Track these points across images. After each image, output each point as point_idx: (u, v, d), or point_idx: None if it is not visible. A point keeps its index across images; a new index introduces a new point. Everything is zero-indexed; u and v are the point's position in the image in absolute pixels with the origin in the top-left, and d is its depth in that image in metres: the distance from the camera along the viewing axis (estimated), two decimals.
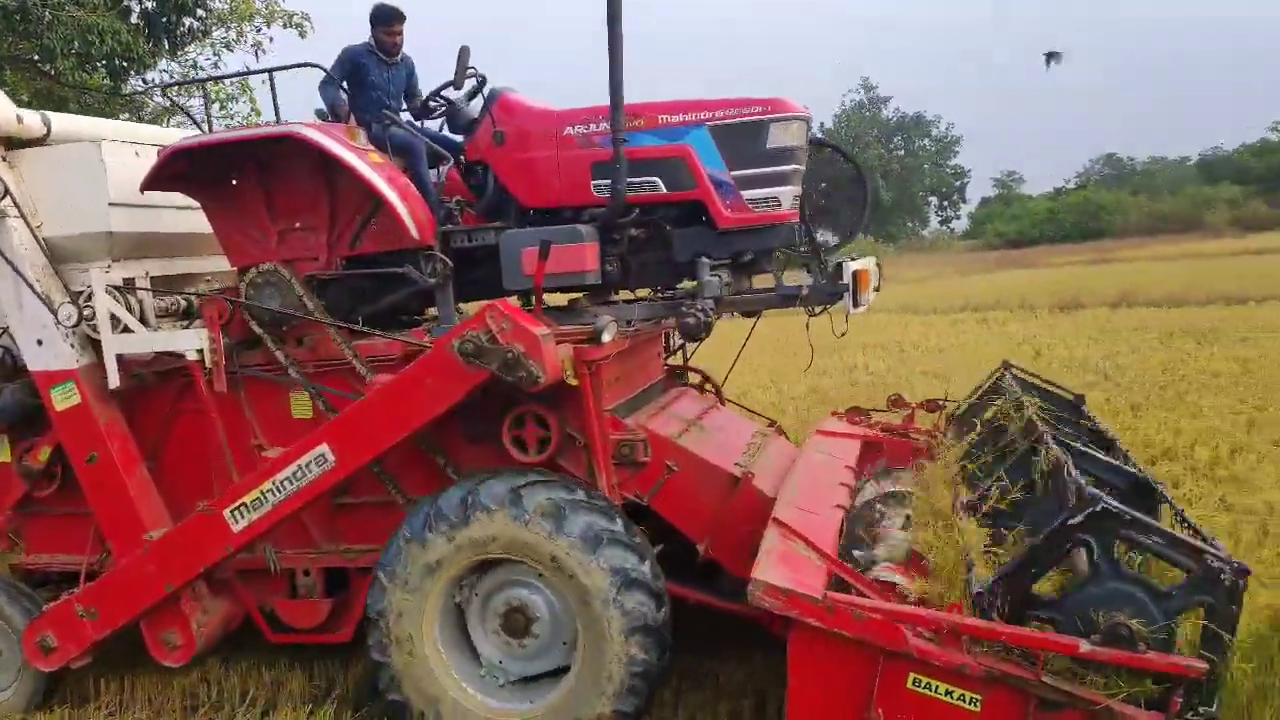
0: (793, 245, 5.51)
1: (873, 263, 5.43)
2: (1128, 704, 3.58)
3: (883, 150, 68.24)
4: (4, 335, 5.58)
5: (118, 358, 5.22)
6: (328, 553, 5.46)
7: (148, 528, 5.32)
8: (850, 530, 5.11)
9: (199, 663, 5.59)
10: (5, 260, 5.25)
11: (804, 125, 5.27)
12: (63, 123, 5.54)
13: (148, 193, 5.29)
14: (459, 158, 5.65)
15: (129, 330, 5.21)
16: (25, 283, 5.24)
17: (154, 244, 5.63)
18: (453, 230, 5.41)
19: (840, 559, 4.58)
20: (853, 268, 5.16)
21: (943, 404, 6.91)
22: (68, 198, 5.26)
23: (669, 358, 6.82)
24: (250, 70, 5.53)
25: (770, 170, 5.11)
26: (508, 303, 4.71)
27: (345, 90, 5.66)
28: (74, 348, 5.30)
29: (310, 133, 5.03)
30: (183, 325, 5.46)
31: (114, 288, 5.20)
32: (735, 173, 5.09)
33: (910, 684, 3.79)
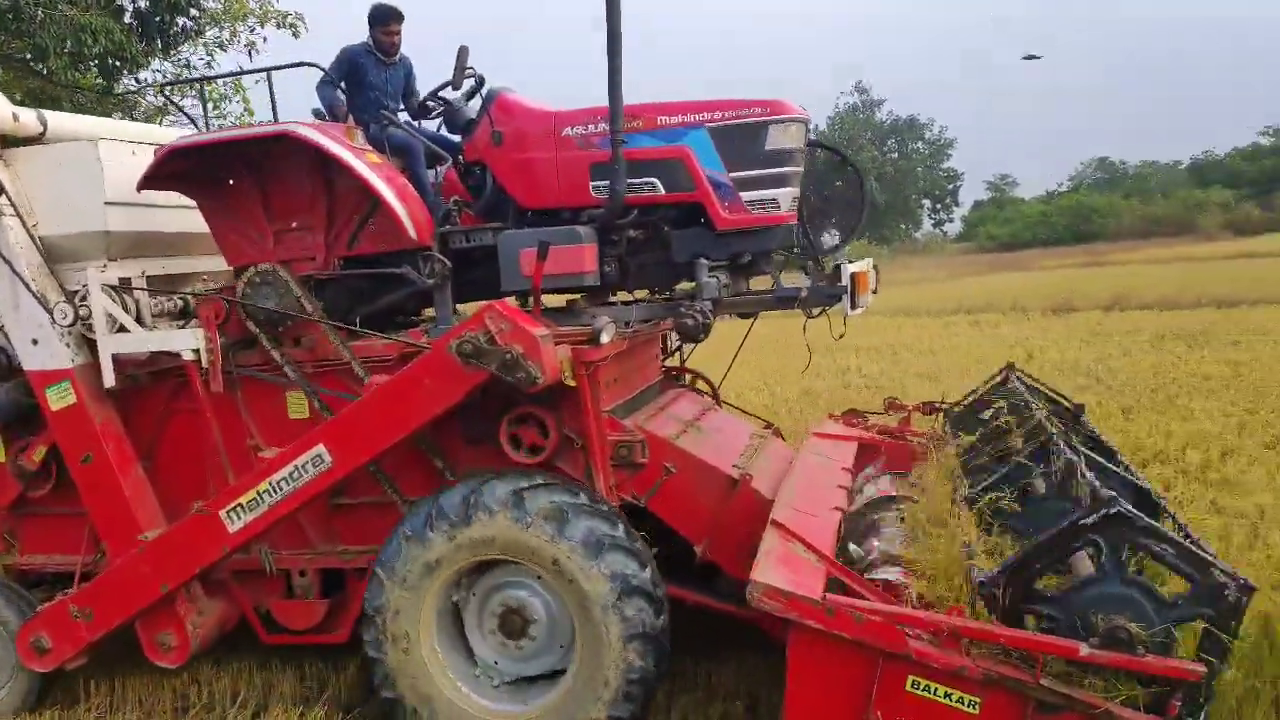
0: (791, 247, 5.51)
1: (871, 265, 5.43)
2: (1126, 707, 3.59)
3: (876, 153, 68.27)
4: None
5: (113, 357, 5.19)
6: (324, 553, 5.44)
7: (143, 528, 5.29)
8: (848, 529, 5.11)
9: (194, 664, 5.56)
10: (1, 259, 5.22)
11: (803, 127, 5.28)
12: (59, 121, 5.52)
13: (144, 192, 5.27)
14: (457, 158, 5.64)
15: (125, 330, 5.19)
16: (21, 282, 5.20)
17: (150, 243, 5.60)
18: (451, 231, 5.40)
19: (837, 558, 4.59)
20: (851, 270, 5.17)
21: (939, 406, 6.92)
22: (64, 196, 5.23)
23: (666, 359, 6.82)
24: (249, 70, 5.52)
25: (769, 172, 5.12)
26: (506, 303, 4.70)
27: (343, 90, 5.65)
28: (69, 347, 5.27)
29: (308, 132, 5.01)
30: (179, 325, 5.44)
31: (110, 287, 5.18)
32: (734, 174, 5.09)
33: (909, 686, 3.78)
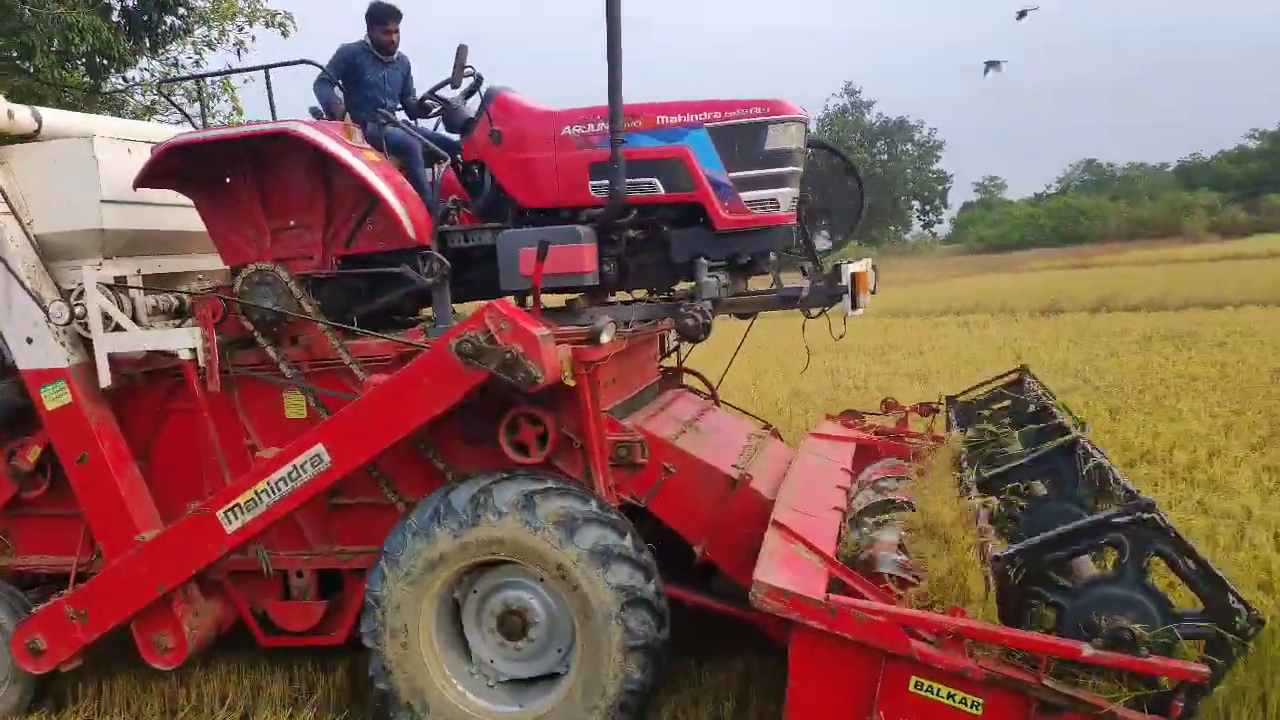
0: (790, 247, 5.51)
1: (870, 265, 5.43)
2: (1130, 708, 3.60)
3: (866, 155, 68.37)
4: None
5: (109, 356, 5.16)
6: (322, 554, 5.42)
7: (139, 529, 5.25)
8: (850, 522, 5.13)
9: (184, 666, 5.53)
10: None
11: (802, 127, 5.28)
12: (54, 118, 5.49)
13: (140, 190, 5.23)
14: (455, 157, 5.62)
15: (121, 329, 5.15)
16: (16, 280, 5.16)
17: (146, 242, 5.56)
18: (450, 230, 5.38)
19: (838, 553, 4.60)
20: (851, 270, 5.17)
21: (936, 407, 6.93)
22: (59, 194, 5.19)
23: (664, 359, 6.81)
24: (248, 68, 5.48)
25: (769, 172, 5.11)
26: (506, 303, 4.68)
27: (341, 88, 5.62)
28: (65, 346, 5.23)
29: (306, 130, 4.98)
30: (174, 324, 5.40)
31: (106, 285, 5.14)
32: (733, 174, 5.08)
33: (912, 687, 3.79)
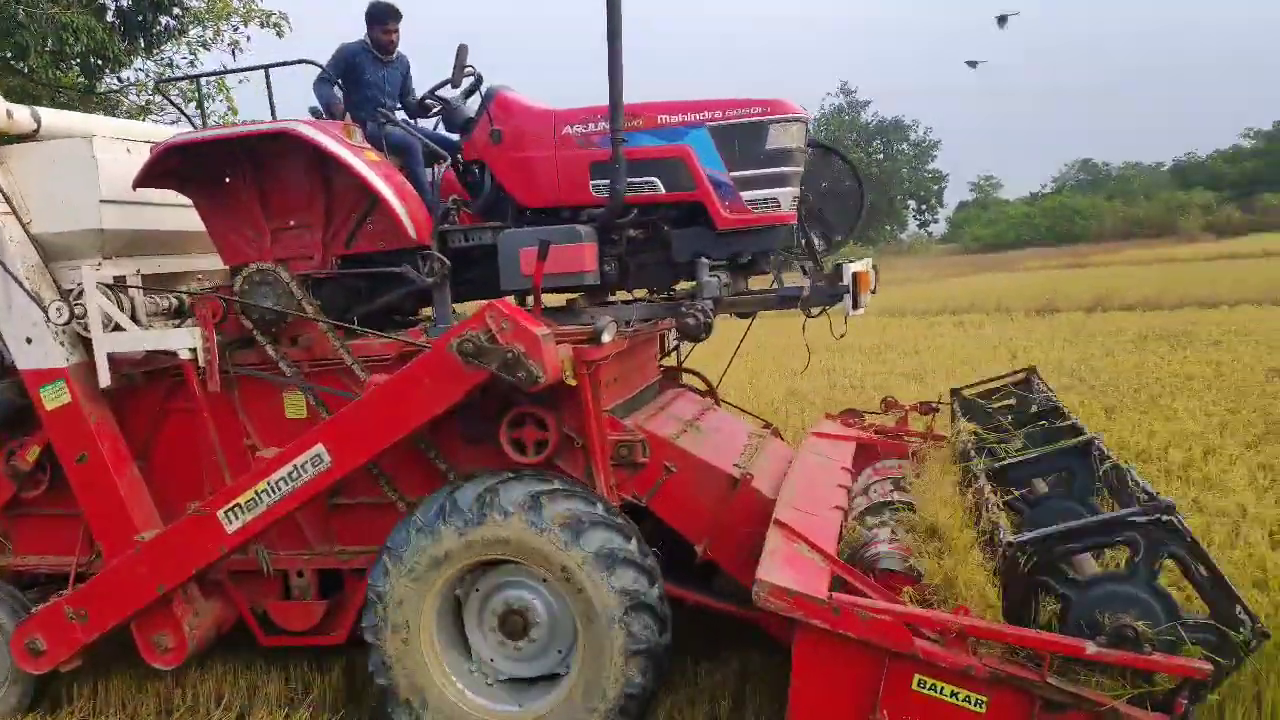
0: (790, 247, 5.50)
1: (870, 264, 5.43)
2: (1133, 705, 3.61)
3: (862, 154, 68.38)
4: None
5: (109, 356, 5.14)
6: (322, 554, 5.41)
7: (139, 528, 5.24)
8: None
9: (190, 665, 5.52)
10: None
11: (803, 127, 5.27)
12: (53, 118, 5.47)
13: (139, 190, 5.22)
14: (455, 157, 5.61)
15: (120, 329, 5.14)
16: (15, 280, 5.15)
17: (145, 242, 5.55)
18: (450, 230, 5.38)
19: (841, 553, 4.61)
20: (853, 269, 5.17)
21: (936, 406, 6.93)
22: (59, 194, 5.18)
23: (664, 358, 6.81)
24: (247, 67, 5.47)
25: (770, 171, 5.11)
26: (508, 302, 4.68)
27: (340, 88, 5.61)
28: (64, 346, 5.22)
29: (307, 130, 4.98)
30: (174, 324, 5.39)
31: (105, 285, 5.13)
32: (734, 174, 5.08)
33: (915, 685, 3.81)
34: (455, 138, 5.66)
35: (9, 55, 13.44)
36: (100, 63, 14.28)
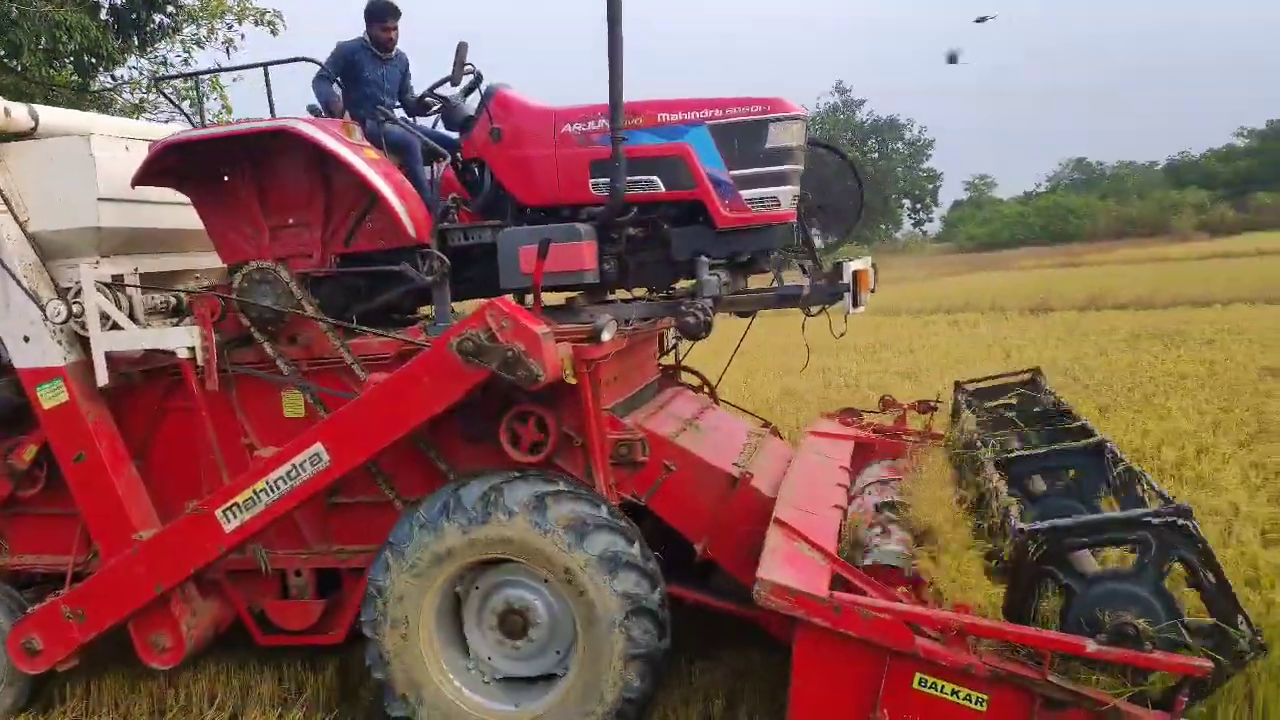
0: (790, 245, 5.50)
1: (870, 263, 5.43)
2: (1134, 703, 3.61)
3: (857, 153, 68.43)
4: None
5: (106, 355, 5.13)
6: (320, 553, 5.40)
7: (136, 528, 5.23)
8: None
9: (188, 665, 5.50)
10: None
11: (802, 125, 5.26)
12: (51, 116, 5.44)
13: (137, 188, 5.20)
14: (455, 155, 5.60)
15: (118, 327, 5.12)
16: (12, 278, 5.13)
17: (143, 240, 5.54)
18: (449, 228, 5.37)
19: (841, 551, 4.61)
20: (853, 267, 5.17)
21: (935, 405, 6.94)
22: (56, 192, 5.16)
23: (663, 357, 6.80)
24: (247, 65, 5.45)
25: (769, 170, 5.10)
26: (508, 301, 4.67)
27: (339, 86, 5.60)
28: (62, 345, 5.20)
29: (306, 128, 4.97)
30: (172, 322, 5.37)
31: (103, 284, 5.12)
32: (734, 172, 5.07)
33: (916, 683, 3.81)
34: (454, 136, 5.64)
35: (2, 53, 13.37)
36: (94, 61, 14.22)
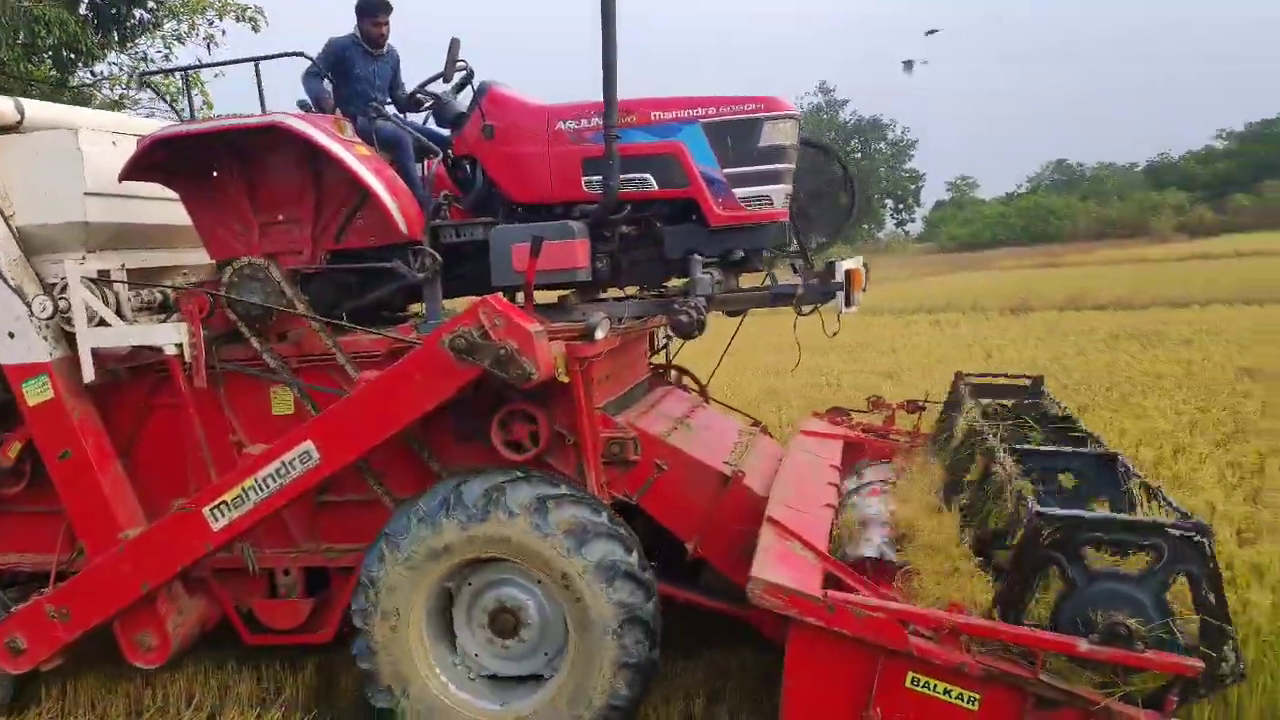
0: (782, 244, 5.50)
1: (861, 262, 5.44)
2: (1125, 703, 3.63)
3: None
4: None
5: (93, 351, 5.07)
6: (308, 551, 5.36)
7: (122, 526, 5.18)
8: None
9: (178, 664, 5.46)
10: None
11: (796, 124, 5.27)
12: (37, 110, 5.37)
13: (125, 183, 5.15)
14: (446, 152, 5.57)
15: (105, 323, 5.06)
16: None
17: (130, 235, 5.48)
18: (441, 225, 5.34)
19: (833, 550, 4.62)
20: (846, 266, 5.17)
21: (923, 405, 6.95)
22: (43, 186, 5.10)
23: (653, 356, 6.79)
24: (237, 59, 5.39)
25: (763, 169, 5.11)
26: (500, 298, 4.65)
27: (330, 81, 5.56)
28: (47, 341, 5.13)
29: (297, 123, 4.93)
30: (159, 319, 5.32)
31: (90, 280, 5.05)
32: (728, 170, 5.08)
33: (909, 682, 3.81)
34: (446, 133, 5.61)
35: None
36: (73, 56, 14.10)
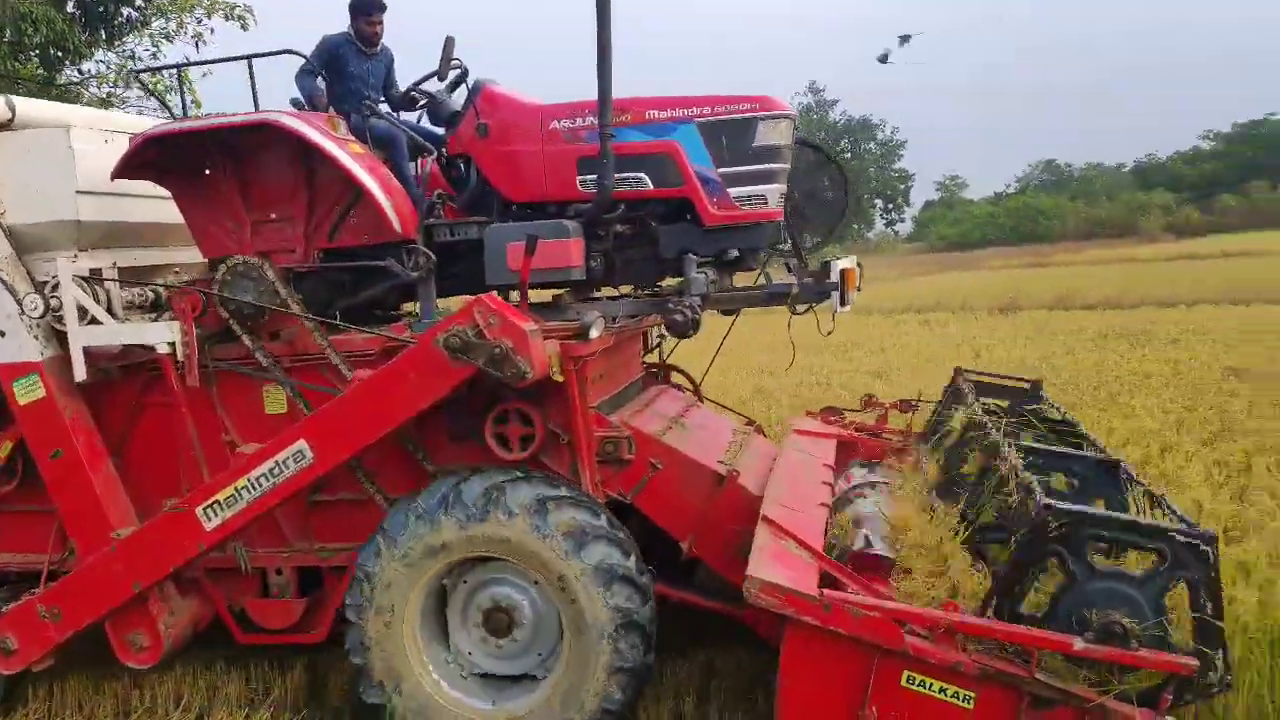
0: (777, 243, 5.51)
1: (856, 262, 5.45)
2: (1120, 701, 3.65)
3: None
4: None
5: (84, 350, 5.05)
6: (301, 551, 5.34)
7: (114, 525, 5.15)
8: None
9: (167, 665, 5.43)
10: None
11: (790, 124, 5.27)
12: (28, 107, 5.33)
13: (117, 181, 5.12)
14: (440, 151, 5.55)
15: (96, 322, 5.04)
16: None
17: (122, 234, 5.45)
18: (435, 224, 5.33)
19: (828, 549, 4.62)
20: (840, 266, 5.18)
21: (916, 404, 6.97)
22: (34, 184, 5.07)
23: (647, 355, 6.79)
24: (231, 57, 5.37)
25: (757, 168, 5.10)
26: (495, 297, 4.64)
27: (324, 79, 5.54)
28: (39, 339, 5.11)
29: (290, 121, 4.91)
30: (151, 317, 5.30)
31: (81, 278, 5.03)
32: (722, 170, 5.07)
33: (905, 681, 3.83)
34: (440, 131, 5.60)
35: None
36: (60, 54, 14.03)
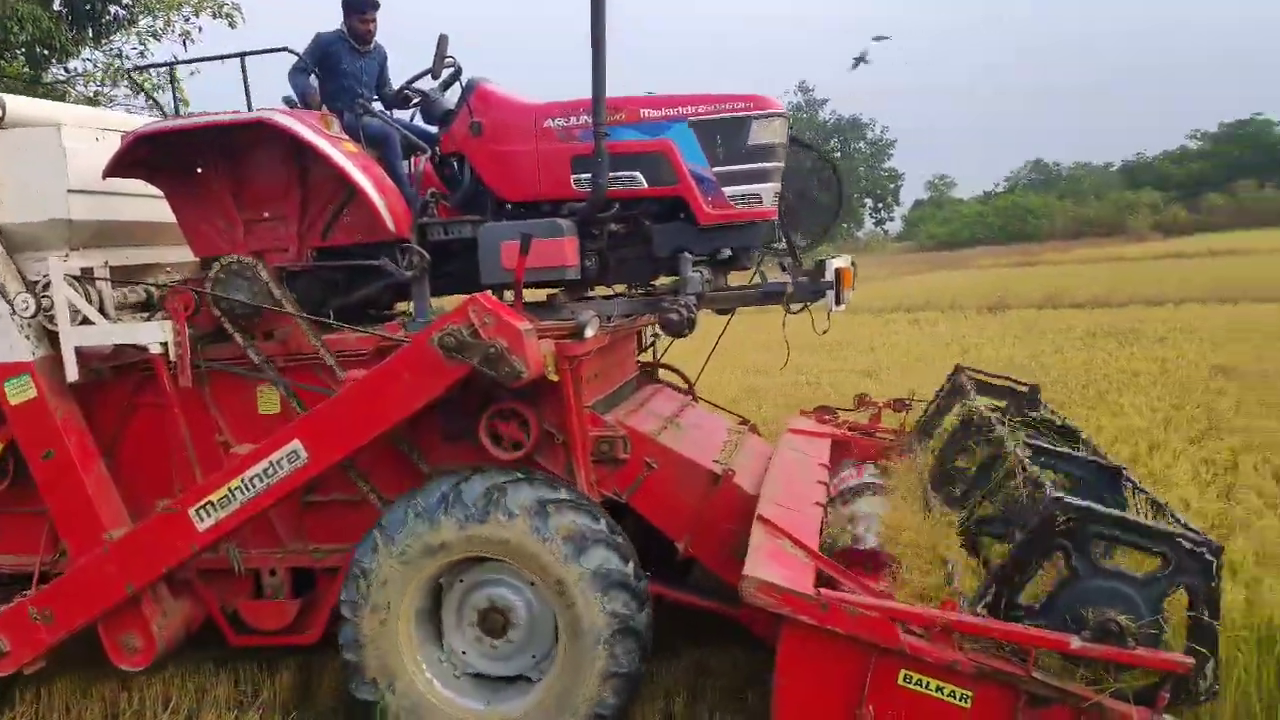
0: (771, 242, 5.51)
1: (850, 261, 5.45)
2: (1117, 699, 3.65)
3: None
4: None
5: (76, 350, 5.01)
6: (295, 552, 5.31)
7: (106, 527, 5.11)
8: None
9: (160, 667, 5.39)
10: None
11: (784, 123, 5.27)
12: (18, 105, 5.28)
13: (108, 180, 5.09)
14: (434, 149, 5.54)
15: (88, 322, 5.01)
16: None
17: (114, 233, 5.41)
18: (429, 223, 5.31)
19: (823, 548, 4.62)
20: (835, 265, 5.18)
21: (909, 403, 6.97)
22: (25, 183, 5.02)
23: (641, 354, 6.78)
24: (223, 55, 5.33)
25: (752, 167, 5.11)
26: (489, 296, 4.62)
27: (316, 77, 5.51)
28: (30, 339, 5.07)
29: (283, 119, 4.89)
30: (143, 317, 5.26)
31: (73, 278, 4.99)
32: (717, 169, 5.07)
33: (901, 680, 3.81)
34: (433, 130, 5.58)
35: None
36: (46, 53, 13.95)
